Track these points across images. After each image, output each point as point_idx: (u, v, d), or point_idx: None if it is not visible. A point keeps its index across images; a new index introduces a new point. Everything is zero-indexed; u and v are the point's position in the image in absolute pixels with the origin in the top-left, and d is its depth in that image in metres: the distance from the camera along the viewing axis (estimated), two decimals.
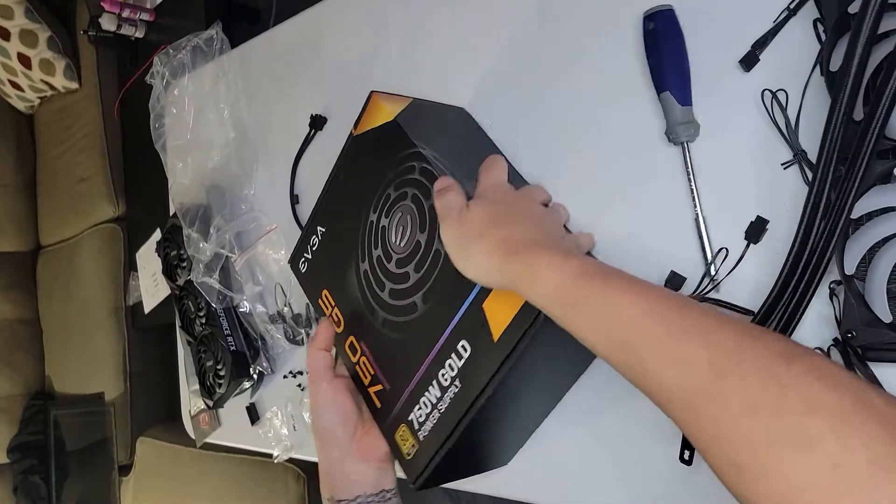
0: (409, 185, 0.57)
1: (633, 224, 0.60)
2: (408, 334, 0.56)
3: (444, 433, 0.51)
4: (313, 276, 0.69)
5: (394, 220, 0.59)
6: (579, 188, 0.63)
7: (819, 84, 0.51)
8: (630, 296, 0.38)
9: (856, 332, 0.46)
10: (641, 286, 0.39)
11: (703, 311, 0.36)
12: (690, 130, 0.56)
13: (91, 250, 1.92)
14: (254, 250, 0.97)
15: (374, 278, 0.60)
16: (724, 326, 0.34)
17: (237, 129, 1.00)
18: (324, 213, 0.69)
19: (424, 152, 0.56)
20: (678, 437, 0.52)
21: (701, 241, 0.56)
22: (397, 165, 0.59)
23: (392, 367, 0.57)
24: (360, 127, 0.64)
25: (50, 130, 2.09)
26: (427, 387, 0.53)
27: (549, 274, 0.42)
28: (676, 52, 0.57)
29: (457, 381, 0.51)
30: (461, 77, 0.74)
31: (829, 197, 0.47)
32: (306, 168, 0.93)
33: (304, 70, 0.95)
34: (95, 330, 1.86)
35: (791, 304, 0.49)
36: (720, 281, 0.55)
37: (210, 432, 1.09)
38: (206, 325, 1.00)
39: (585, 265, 0.42)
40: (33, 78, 1.98)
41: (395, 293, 0.57)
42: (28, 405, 1.97)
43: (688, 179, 0.56)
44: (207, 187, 1.01)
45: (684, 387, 0.33)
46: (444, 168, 0.56)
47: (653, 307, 0.37)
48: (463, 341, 0.51)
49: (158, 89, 1.05)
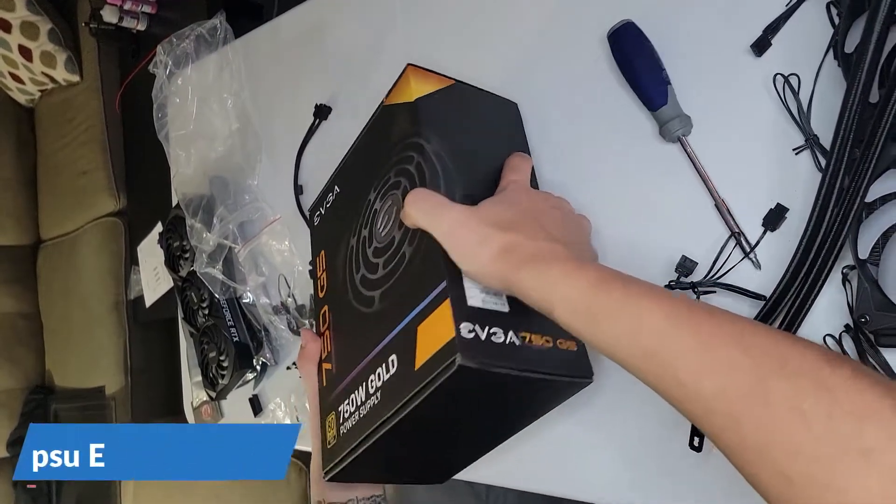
0: (404, 174, 0.55)
1: (644, 216, 0.59)
2: (361, 327, 0.54)
3: (357, 439, 0.50)
4: (320, 234, 0.68)
5: (384, 206, 0.57)
6: (584, 192, 0.63)
7: (832, 68, 0.50)
8: (654, 302, 0.36)
9: (869, 316, 0.46)
10: (663, 292, 0.38)
11: (731, 315, 0.35)
12: (679, 126, 0.56)
13: (92, 244, 1.92)
14: (257, 241, 0.96)
15: (355, 258, 0.58)
16: (756, 330, 0.33)
17: (241, 119, 1.00)
18: (343, 174, 0.67)
19: (427, 147, 0.53)
20: (687, 423, 0.51)
21: (726, 222, 0.55)
22: (402, 151, 0.57)
23: (342, 352, 0.56)
24: (390, 98, 0.62)
25: (51, 123, 2.08)
26: (358, 386, 0.51)
27: (564, 284, 0.40)
28: (641, 62, 0.57)
29: (378, 393, 0.49)
30: (465, 69, 0.74)
31: (844, 181, 0.46)
32: (310, 158, 0.93)
33: (309, 59, 0.95)
34: (96, 324, 1.86)
35: (804, 289, 0.48)
36: (732, 267, 0.54)
37: (212, 424, 1.09)
38: (209, 317, 1.00)
39: (602, 273, 0.40)
40: (34, 70, 1.97)
41: (363, 281, 0.56)
42: (28, 399, 1.97)
43: (695, 170, 0.56)
44: (211, 178, 1.01)
45: (725, 395, 0.32)
46: (441, 169, 0.53)
47: (680, 313, 0.35)
48: (393, 356, 0.48)
49: (161, 79, 1.04)
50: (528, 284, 0.42)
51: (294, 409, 0.93)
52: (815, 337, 0.51)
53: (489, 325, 0.45)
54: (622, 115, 0.61)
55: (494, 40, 0.73)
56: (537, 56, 0.68)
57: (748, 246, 0.53)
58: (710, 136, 0.56)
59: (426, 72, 0.60)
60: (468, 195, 0.51)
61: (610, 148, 0.62)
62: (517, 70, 0.70)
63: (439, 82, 0.60)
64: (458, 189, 0.52)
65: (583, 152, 0.64)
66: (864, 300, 0.46)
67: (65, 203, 2.02)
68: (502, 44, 0.72)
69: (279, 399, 0.95)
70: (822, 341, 0.50)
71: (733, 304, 0.54)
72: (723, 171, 0.56)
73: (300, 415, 0.92)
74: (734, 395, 0.31)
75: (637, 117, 0.60)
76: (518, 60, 0.70)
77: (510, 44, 0.71)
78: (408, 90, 0.58)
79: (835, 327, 0.50)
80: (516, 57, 0.70)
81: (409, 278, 0.49)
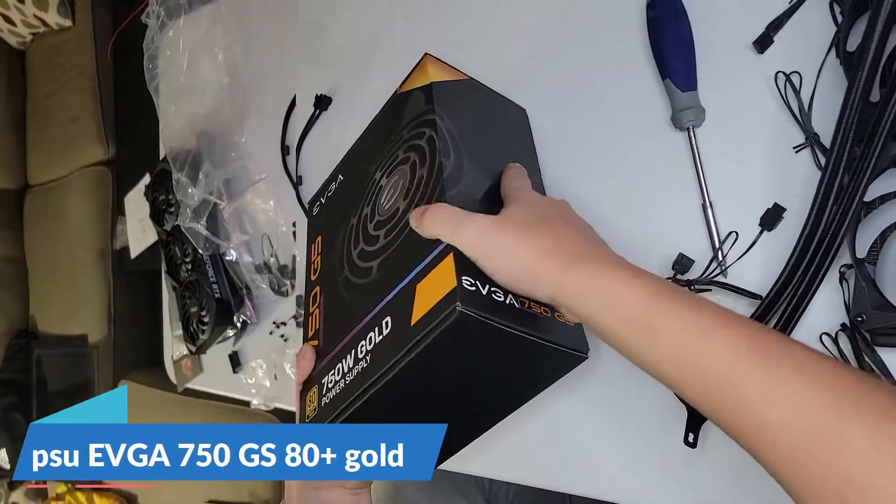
0: (414, 150, 0.54)
1: (641, 208, 0.59)
2: (355, 298, 0.53)
3: (339, 406, 0.48)
4: (318, 221, 0.68)
5: (390, 182, 0.56)
6: (588, 173, 0.63)
7: (833, 67, 0.50)
8: (720, 320, 0.35)
9: (865, 315, 0.45)
10: (728, 312, 0.36)
11: (797, 342, 0.34)
12: (693, 116, 0.55)
13: (80, 192, 1.91)
14: (242, 199, 0.97)
15: (354, 235, 0.58)
16: (822, 361, 0.32)
17: (231, 74, 0.99)
18: (347, 163, 0.67)
19: (440, 123, 0.53)
20: (682, 420, 0.52)
21: (708, 227, 0.55)
22: (413, 128, 0.56)
23: (331, 327, 0.55)
24: (403, 86, 0.61)
25: (41, 68, 2.05)
26: (346, 355, 0.50)
27: (619, 293, 0.37)
28: (678, 38, 0.56)
29: (368, 356, 0.47)
30: (466, 59, 0.73)
31: (843, 179, 0.46)
32: (297, 123, 0.92)
33: (301, 15, 0.94)
34: (81, 272, 1.86)
35: (801, 288, 0.48)
36: (729, 265, 0.54)
37: (192, 378, 1.10)
38: (192, 272, 1.01)
39: (661, 284, 0.37)
40: (26, 13, 1.94)
41: (362, 254, 0.55)
42: (11, 343, 1.97)
43: (694, 165, 0.56)
44: (198, 133, 1.00)
45: (795, 428, 0.31)
46: (452, 148, 0.52)
47: (750, 336, 0.34)
48: (388, 317, 0.47)
49: (153, 29, 1.03)
50: (577, 288, 0.39)
51: (273, 367, 0.94)
52: (811, 336, 0.50)
53: (490, 284, 0.44)
54: (636, 93, 0.60)
55: (499, 25, 0.72)
56: (545, 38, 0.68)
57: (721, 254, 0.53)
58: (711, 133, 0.56)
59: (444, 64, 0.60)
60: (468, 194, 0.49)
61: (616, 131, 0.61)
62: (523, 55, 0.69)
63: (455, 75, 0.59)
64: (467, 173, 0.51)
65: (588, 140, 0.63)
66: (860, 299, 0.46)
67: (53, 149, 2.01)
68: (503, 33, 0.71)
69: (260, 360, 0.96)
70: (819, 340, 0.50)
71: (731, 302, 0.54)
72: (722, 168, 0.55)
73: (278, 374, 0.94)
74: (805, 430, 0.30)
75: (652, 99, 0.59)
76: (519, 48, 0.69)
77: (510, 33, 0.70)
78: (424, 76, 0.57)
79: (831, 326, 0.49)
80: (518, 44, 0.69)
81: (410, 242, 0.48)
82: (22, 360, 1.95)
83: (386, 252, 0.52)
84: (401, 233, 0.51)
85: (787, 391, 0.31)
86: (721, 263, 0.53)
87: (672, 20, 0.57)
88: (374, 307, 0.49)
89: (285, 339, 0.93)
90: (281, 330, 0.94)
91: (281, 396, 0.94)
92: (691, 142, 0.56)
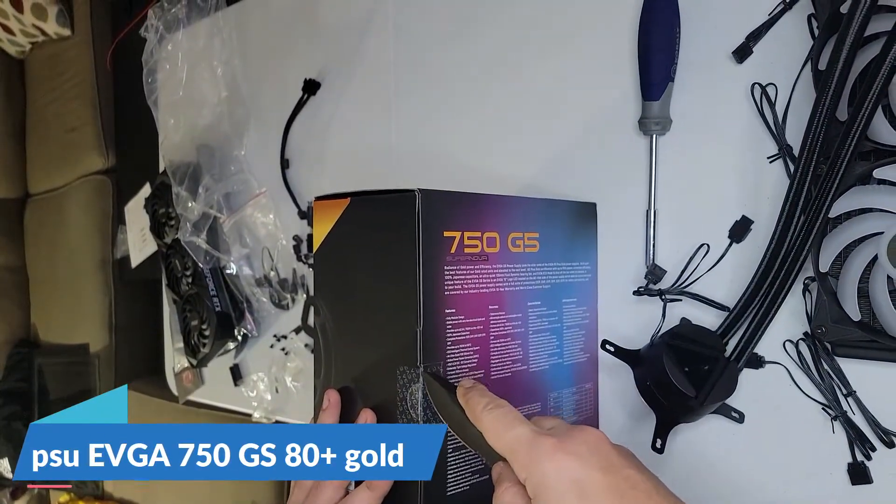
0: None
1: (617, 216, 0.60)
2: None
3: None
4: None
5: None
6: (556, 182, 0.63)
7: (809, 80, 0.51)
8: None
9: (825, 328, 0.47)
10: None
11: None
12: (656, 127, 0.57)
13: (80, 201, 1.91)
14: (242, 213, 0.97)
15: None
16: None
17: (230, 88, 1.00)
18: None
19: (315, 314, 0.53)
20: (650, 426, 0.53)
21: (647, 235, 0.58)
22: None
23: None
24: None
25: (41, 77, 2.05)
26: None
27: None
28: (659, 48, 0.56)
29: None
30: (455, 42, 0.74)
31: (810, 193, 0.47)
32: (298, 133, 0.93)
33: (300, 31, 0.94)
34: (82, 281, 1.86)
35: (767, 299, 0.50)
36: (699, 277, 0.56)
37: (193, 390, 1.10)
38: (193, 285, 1.01)
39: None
40: (25, 22, 1.94)
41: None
42: (13, 352, 1.97)
43: (649, 173, 0.58)
44: (198, 146, 1.01)
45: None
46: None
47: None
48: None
49: (152, 43, 1.03)
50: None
51: (274, 381, 0.95)
52: (774, 343, 0.52)
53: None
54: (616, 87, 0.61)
55: (489, 8, 0.72)
56: (532, 26, 0.68)
57: (649, 262, 0.55)
58: (686, 140, 0.57)
59: (327, 201, 0.54)
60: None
61: (588, 130, 0.62)
62: (508, 41, 0.70)
63: (337, 208, 0.53)
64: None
65: (560, 133, 0.64)
66: (821, 312, 0.48)
67: (53, 158, 2.01)
68: (494, 16, 0.71)
69: (261, 373, 0.96)
70: (782, 347, 0.52)
71: (701, 314, 0.55)
72: (693, 177, 0.57)
73: (279, 387, 0.94)
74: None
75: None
76: (506, 32, 0.70)
77: (500, 17, 0.71)
78: (317, 233, 0.55)
79: (794, 334, 0.52)
80: (506, 29, 0.70)
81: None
82: (23, 369, 1.95)
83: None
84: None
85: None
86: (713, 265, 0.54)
87: (663, 22, 0.56)
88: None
89: (286, 352, 0.93)
90: (282, 343, 0.94)
91: (282, 409, 0.94)
92: (651, 149, 0.57)
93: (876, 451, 0.49)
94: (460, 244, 0.50)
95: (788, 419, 0.52)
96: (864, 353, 0.48)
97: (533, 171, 0.67)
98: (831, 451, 0.50)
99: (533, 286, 0.55)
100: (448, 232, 0.49)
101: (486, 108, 0.71)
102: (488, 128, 0.71)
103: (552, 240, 0.57)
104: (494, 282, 0.52)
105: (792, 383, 0.52)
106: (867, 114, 0.43)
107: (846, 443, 0.50)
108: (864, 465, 0.49)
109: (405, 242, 0.48)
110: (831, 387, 0.50)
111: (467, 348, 0.50)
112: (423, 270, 0.48)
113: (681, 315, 0.56)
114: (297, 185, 0.92)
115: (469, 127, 0.73)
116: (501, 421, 0.40)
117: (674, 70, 0.56)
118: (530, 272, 0.55)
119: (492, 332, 0.52)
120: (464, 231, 0.50)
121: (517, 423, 0.39)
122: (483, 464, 0.50)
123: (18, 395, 1.93)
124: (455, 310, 0.49)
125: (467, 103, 0.73)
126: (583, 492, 0.35)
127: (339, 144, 0.87)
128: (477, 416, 0.41)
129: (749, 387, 0.53)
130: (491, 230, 0.52)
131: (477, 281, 0.51)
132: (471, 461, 0.50)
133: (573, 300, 0.59)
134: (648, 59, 0.56)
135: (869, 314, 0.47)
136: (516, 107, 0.69)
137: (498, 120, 0.70)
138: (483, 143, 0.71)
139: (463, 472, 0.49)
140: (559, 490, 0.36)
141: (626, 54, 0.60)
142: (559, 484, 0.36)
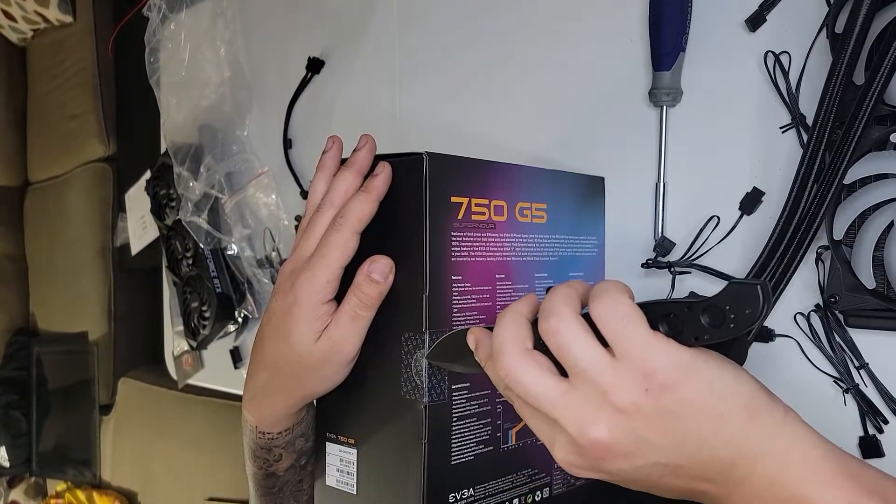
0: None
1: (626, 188, 0.60)
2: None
3: None
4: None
5: None
6: (566, 156, 0.63)
7: (824, 48, 0.50)
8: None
9: (839, 297, 0.47)
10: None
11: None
12: (667, 98, 0.56)
13: (80, 189, 1.90)
14: (244, 193, 0.96)
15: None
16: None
17: (233, 68, 0.99)
18: None
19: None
20: None
21: (655, 208, 0.57)
22: None
23: None
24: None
25: (42, 64, 2.04)
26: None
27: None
28: (671, 18, 0.55)
29: None
30: (463, 17, 0.73)
31: (824, 160, 0.46)
32: (301, 112, 0.92)
33: (304, 9, 0.93)
34: (81, 269, 1.85)
35: (779, 270, 0.49)
36: (709, 249, 0.55)
37: (192, 374, 1.09)
38: (193, 266, 1.00)
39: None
40: (27, 9, 1.93)
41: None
42: (11, 341, 1.97)
43: (659, 145, 0.57)
44: (200, 126, 1.00)
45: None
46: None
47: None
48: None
49: (155, 22, 1.03)
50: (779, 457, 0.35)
51: None
52: (785, 315, 0.52)
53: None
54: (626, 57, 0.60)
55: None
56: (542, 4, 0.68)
57: (658, 234, 0.54)
58: (697, 111, 0.56)
59: None
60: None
61: (597, 102, 0.61)
62: (518, 17, 0.69)
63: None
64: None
65: (568, 106, 0.63)
66: (835, 281, 0.47)
67: (54, 146, 2.00)
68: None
69: None
70: (793, 319, 0.51)
71: (710, 286, 0.55)
72: (704, 149, 0.56)
73: None
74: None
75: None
76: (515, 11, 0.69)
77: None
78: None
79: (805, 306, 0.51)
80: (514, 8, 0.69)
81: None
82: (22, 357, 1.94)
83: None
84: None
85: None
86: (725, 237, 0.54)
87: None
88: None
89: None
90: None
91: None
92: (661, 122, 0.57)
93: (888, 424, 0.48)
94: (468, 210, 0.49)
95: (799, 393, 0.51)
96: (877, 322, 0.47)
97: (541, 144, 0.66)
98: (843, 424, 0.49)
99: (540, 257, 0.54)
100: (455, 197, 0.48)
101: (493, 83, 0.70)
102: (495, 103, 0.70)
103: (560, 212, 0.56)
104: (501, 251, 0.51)
105: (803, 356, 0.51)
106: (885, 76, 0.43)
107: (858, 416, 0.49)
108: (876, 439, 0.48)
109: (412, 206, 0.47)
110: (843, 359, 0.49)
111: (473, 316, 0.49)
112: (430, 235, 0.47)
113: (690, 288, 0.56)
114: (300, 165, 0.91)
115: (476, 103, 0.72)
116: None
117: (685, 40, 0.55)
118: (538, 243, 0.54)
119: (498, 301, 0.51)
120: (471, 198, 0.49)
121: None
122: (489, 434, 0.49)
123: (17, 384, 1.92)
124: (462, 277, 0.48)
125: (474, 80, 0.72)
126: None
127: (343, 123, 0.86)
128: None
129: (759, 360, 0.53)
130: (499, 198, 0.51)
131: (484, 249, 0.50)
132: (476, 430, 0.49)
133: (580, 274, 0.58)
134: (660, 28, 0.55)
135: (884, 283, 0.46)
136: (524, 80, 0.68)
137: (505, 94, 0.69)
138: (490, 119, 0.71)
139: (468, 442, 0.48)
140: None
141: (636, 24, 0.60)
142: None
